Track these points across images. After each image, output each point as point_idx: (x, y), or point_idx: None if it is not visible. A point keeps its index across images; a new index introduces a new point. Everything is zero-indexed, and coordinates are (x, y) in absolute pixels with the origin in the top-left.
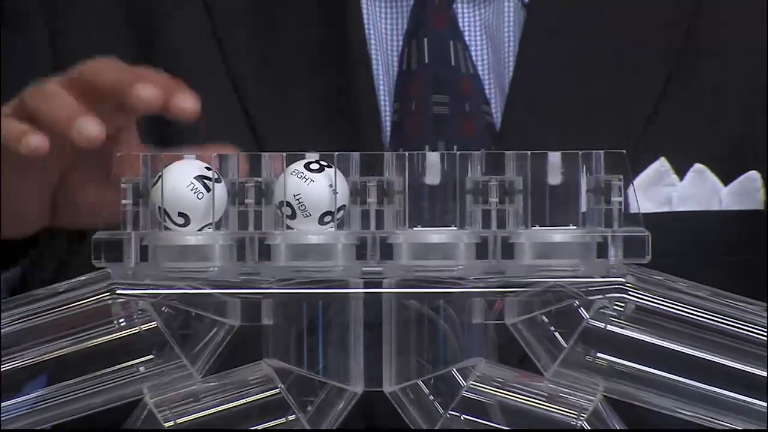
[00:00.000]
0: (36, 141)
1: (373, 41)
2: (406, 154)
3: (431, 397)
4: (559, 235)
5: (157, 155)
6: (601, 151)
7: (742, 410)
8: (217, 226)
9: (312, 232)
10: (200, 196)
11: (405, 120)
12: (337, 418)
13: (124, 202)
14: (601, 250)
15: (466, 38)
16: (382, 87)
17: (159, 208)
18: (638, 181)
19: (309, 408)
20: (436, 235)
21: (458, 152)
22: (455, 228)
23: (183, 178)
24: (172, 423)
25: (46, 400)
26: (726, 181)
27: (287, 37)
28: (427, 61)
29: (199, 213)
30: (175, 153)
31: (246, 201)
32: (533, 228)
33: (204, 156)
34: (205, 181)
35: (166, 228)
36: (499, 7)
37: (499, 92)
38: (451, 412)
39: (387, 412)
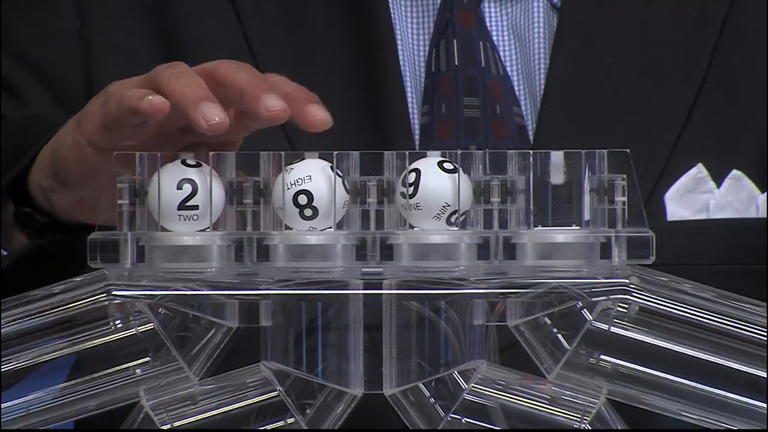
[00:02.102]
0: (158, 99)
1: (399, 42)
2: (407, 153)
3: (432, 400)
4: (561, 235)
5: (154, 154)
6: (605, 151)
7: (750, 414)
8: (215, 226)
9: (312, 233)
10: None
11: (435, 122)
12: (336, 421)
13: (120, 201)
14: (605, 251)
15: (494, 38)
16: (409, 88)
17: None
18: (675, 187)
19: (308, 411)
20: (437, 236)
21: (459, 151)
22: (456, 228)
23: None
24: (168, 426)
25: (41, 402)
26: (762, 186)
27: (315, 38)
28: (457, 63)
29: None
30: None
31: (244, 201)
32: (536, 228)
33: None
34: None
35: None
36: (528, 7)
37: (528, 94)
38: (452, 415)
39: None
